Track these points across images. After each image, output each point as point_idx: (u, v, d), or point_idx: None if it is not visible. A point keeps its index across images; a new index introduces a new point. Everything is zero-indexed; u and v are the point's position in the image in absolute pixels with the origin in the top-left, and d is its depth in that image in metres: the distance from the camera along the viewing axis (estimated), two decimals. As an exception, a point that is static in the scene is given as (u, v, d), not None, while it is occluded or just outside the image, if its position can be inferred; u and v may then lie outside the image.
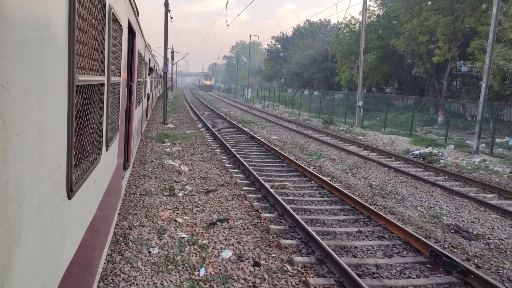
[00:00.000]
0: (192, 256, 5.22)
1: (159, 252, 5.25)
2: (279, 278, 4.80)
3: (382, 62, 30.05)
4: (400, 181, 10.60)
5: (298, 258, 5.27)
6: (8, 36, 1.05)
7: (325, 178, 9.52)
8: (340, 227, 6.72)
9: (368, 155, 14.43)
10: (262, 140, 15.51)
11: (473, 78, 25.06)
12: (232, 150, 12.39)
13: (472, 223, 7.55)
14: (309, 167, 10.98)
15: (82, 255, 2.25)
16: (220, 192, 8.19)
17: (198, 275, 4.74)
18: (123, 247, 5.28)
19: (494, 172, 12.41)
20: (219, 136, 15.51)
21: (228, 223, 6.47)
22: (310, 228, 6.04)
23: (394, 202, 8.65)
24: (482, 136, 16.10)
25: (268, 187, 8.20)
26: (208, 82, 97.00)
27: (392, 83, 34.02)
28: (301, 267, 5.09)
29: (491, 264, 5.67)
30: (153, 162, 10.55)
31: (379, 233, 6.50)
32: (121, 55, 3.91)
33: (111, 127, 3.25)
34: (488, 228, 7.32)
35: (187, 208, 7.06)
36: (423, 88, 29.92)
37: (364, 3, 23.59)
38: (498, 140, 17.38)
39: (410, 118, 21.91)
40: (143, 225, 6.12)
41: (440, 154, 14.75)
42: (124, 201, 7.12)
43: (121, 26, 3.77)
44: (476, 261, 5.72)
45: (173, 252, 5.26)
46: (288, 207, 7.00)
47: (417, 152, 15.13)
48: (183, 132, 17.04)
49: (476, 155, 14.89)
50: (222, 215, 6.82)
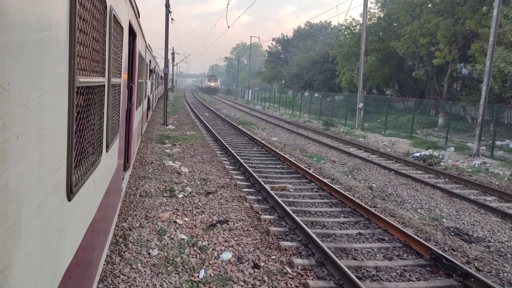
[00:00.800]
0: (192, 257, 5.21)
1: (158, 253, 5.25)
2: (278, 280, 4.79)
3: (383, 64, 30.07)
4: (401, 183, 10.60)
5: (298, 260, 5.26)
6: (9, 37, 1.05)
7: (325, 180, 9.52)
8: (340, 229, 6.71)
9: (369, 157, 14.43)
10: (262, 141, 15.51)
11: (473, 81, 25.08)
12: (232, 151, 12.39)
13: (473, 226, 7.53)
14: (309, 169, 10.97)
15: (81, 256, 2.25)
16: (220, 193, 8.18)
17: (198, 276, 4.73)
18: (122, 248, 5.28)
19: (495, 174, 12.40)
20: (219, 137, 15.51)
21: (228, 224, 6.46)
22: (310, 230, 6.03)
23: (394, 204, 8.64)
24: (483, 138, 16.09)
25: (268, 189, 8.19)
26: (212, 84, 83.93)
27: (392, 85, 34.04)
28: (301, 269, 5.08)
29: (492, 267, 5.65)
30: (153, 163, 10.55)
31: (379, 235, 6.49)
32: (121, 56, 3.91)
33: (111, 128, 3.25)
34: (489, 231, 7.31)
35: (187, 210, 7.05)
36: (424, 90, 29.93)
37: (365, 5, 23.63)
38: (498, 142, 17.37)
39: (410, 120, 21.91)
40: (143, 226, 6.11)
41: (440, 156, 14.75)
42: (124, 202, 7.12)
43: (122, 28, 3.78)
44: (476, 264, 5.71)
45: (172, 254, 5.25)
46: (288, 209, 6.99)
47: (417, 154, 15.12)
48: (184, 133, 17.04)
49: (477, 157, 14.88)
50: (222, 216, 6.82)
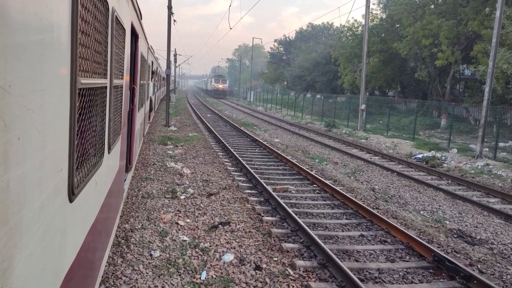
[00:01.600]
0: (194, 259, 5.20)
1: (160, 255, 5.24)
2: (280, 282, 4.78)
3: (385, 65, 30.02)
4: (403, 185, 10.56)
5: (300, 262, 5.25)
6: (10, 39, 1.05)
7: (327, 182, 9.50)
8: (343, 231, 6.69)
9: (371, 158, 14.40)
10: (264, 143, 15.50)
11: (476, 82, 25.00)
12: (234, 153, 12.39)
13: (476, 228, 7.50)
14: (311, 171, 10.95)
15: (83, 257, 2.25)
16: (222, 195, 8.17)
17: (200, 278, 4.72)
18: (124, 250, 5.27)
19: (498, 176, 12.34)
20: (221, 138, 15.51)
21: (230, 226, 6.46)
22: (312, 232, 6.01)
23: (397, 206, 8.61)
24: (486, 140, 16.03)
25: (270, 190, 8.18)
26: (221, 86, 67.95)
27: (395, 86, 33.98)
28: (303, 271, 5.07)
29: (495, 270, 5.62)
30: (155, 164, 10.56)
31: (382, 237, 6.47)
32: (123, 58, 3.92)
33: (113, 130, 3.25)
34: (492, 233, 7.27)
35: (189, 211, 7.05)
36: (426, 91, 29.86)
37: (367, 6, 23.61)
38: (501, 144, 17.31)
39: (413, 122, 21.85)
40: (145, 227, 6.11)
41: (443, 158, 14.70)
42: (126, 203, 7.12)
43: (124, 29, 3.78)
44: (479, 266, 5.68)
45: (174, 255, 5.25)
46: (290, 210, 6.98)
47: (420, 156, 15.08)
48: (186, 134, 17.06)
49: (480, 159, 14.82)
50: (224, 218, 6.81)
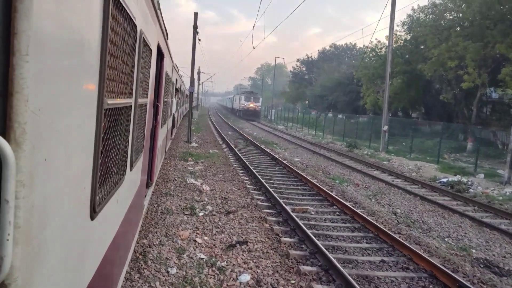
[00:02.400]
0: (210, 278, 5.16)
1: (177, 272, 5.23)
2: (297, 306, 4.67)
3: (409, 86, 29.66)
4: (427, 209, 10.25)
5: (318, 286, 5.13)
6: (42, 64, 1.10)
7: (348, 204, 9.33)
8: (363, 256, 6.52)
9: (393, 181, 14.09)
10: (284, 161, 15.44)
11: (504, 105, 24.33)
12: (253, 171, 12.38)
13: (504, 258, 7.16)
14: (331, 192, 10.80)
15: (102, 273, 2.26)
16: (241, 213, 8.14)
17: (215, 298, 4.67)
18: (142, 266, 5.29)
19: (528, 204, 11.82)
20: (241, 156, 15.56)
21: (247, 245, 6.40)
22: (331, 255, 5.89)
23: (420, 231, 8.34)
24: (514, 165, 15.43)
25: (289, 211, 8.09)
26: (252, 105, 53.56)
27: (418, 108, 33.44)
28: (320, 296, 4.94)
29: (525, 304, 5.33)
30: (175, 180, 10.66)
31: (404, 264, 6.26)
32: (149, 77, 4.02)
33: (136, 147, 3.31)
34: (521, 264, 6.92)
35: (207, 229, 7.04)
36: (451, 114, 29.23)
37: (391, 28, 23.57)
38: (531, 170, 16.60)
39: (437, 145, 21.34)
40: (162, 243, 6.13)
41: (469, 183, 14.22)
42: (145, 219, 7.18)
43: (150, 50, 3.89)
44: (508, 299, 5.39)
45: (191, 273, 5.23)
46: (309, 232, 6.87)
47: (444, 180, 14.65)
48: (206, 151, 17.20)
49: (508, 185, 14.27)
50: (242, 237, 6.76)
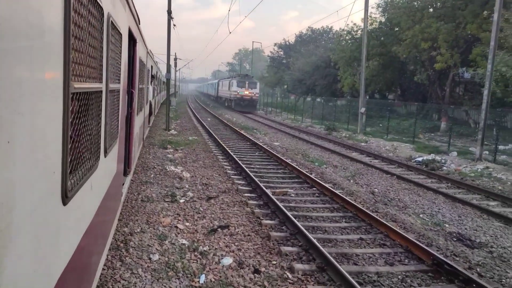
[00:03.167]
0: (193, 262, 5.20)
1: (159, 258, 5.24)
2: (279, 285, 4.77)
3: (385, 68, 30.07)
4: (403, 188, 10.55)
5: (298, 266, 5.24)
6: None
7: (327, 185, 9.49)
8: (342, 234, 6.68)
9: (371, 162, 14.39)
10: (264, 146, 15.51)
11: (476, 85, 25.00)
12: (234, 156, 12.39)
13: (475, 231, 7.48)
14: (311, 174, 10.95)
15: (78, 260, 2.25)
16: (222, 198, 8.17)
17: (198, 282, 4.72)
18: (123, 253, 5.27)
19: (498, 179, 12.33)
20: (221, 142, 15.53)
21: (229, 229, 6.45)
22: (311, 235, 6.01)
23: (396, 209, 8.60)
24: (485, 143, 16.03)
25: (270, 194, 8.18)
26: (248, 93, 40.30)
27: (394, 89, 34.03)
28: (301, 275, 5.06)
29: (494, 273, 5.60)
30: (155, 168, 10.57)
31: (381, 240, 6.46)
32: (120, 62, 3.94)
33: (109, 133, 3.26)
34: (491, 236, 7.25)
35: (188, 215, 7.05)
36: (426, 94, 29.89)
37: (366, 10, 23.69)
38: (501, 147, 17.29)
39: (413, 125, 21.87)
40: (144, 231, 6.11)
41: (443, 161, 14.69)
42: (126, 207, 7.12)
43: (120, 34, 3.80)
44: (478, 269, 5.66)
45: (173, 259, 5.24)
46: (289, 214, 6.97)
47: (419, 159, 15.07)
48: (186, 138, 17.08)
49: (479, 162, 14.81)
50: (223, 221, 6.81)
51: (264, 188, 8.59)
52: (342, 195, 8.56)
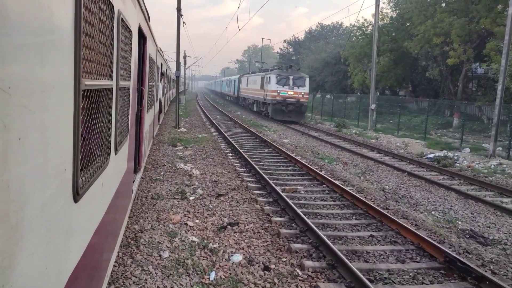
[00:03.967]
0: (203, 259, 5.22)
1: (169, 255, 5.27)
2: (289, 282, 4.76)
3: (396, 64, 29.76)
4: (414, 185, 10.44)
5: (308, 263, 5.22)
6: (9, 40, 1.07)
7: (337, 182, 9.44)
8: (352, 232, 6.64)
9: (381, 158, 14.26)
10: (273, 143, 15.48)
11: (489, 80, 24.59)
12: (243, 153, 12.39)
13: (488, 228, 7.37)
14: (320, 171, 10.90)
15: (89, 257, 2.27)
16: (231, 195, 8.18)
17: (208, 279, 4.73)
18: (134, 250, 5.31)
19: (511, 176, 12.11)
20: (230, 139, 15.54)
21: (238, 227, 6.46)
22: (321, 232, 5.98)
23: (408, 206, 8.51)
24: (499, 139, 15.76)
25: (279, 191, 8.16)
26: (293, 94, 26.46)
27: (406, 85, 33.65)
28: (311, 272, 5.04)
29: (508, 270, 5.51)
30: (165, 165, 10.62)
31: (392, 237, 6.40)
32: (131, 60, 3.95)
33: (120, 131, 3.27)
34: (505, 233, 7.13)
35: (198, 212, 7.07)
36: (438, 90, 29.51)
37: (377, 5, 23.42)
38: (515, 143, 16.97)
39: (424, 121, 21.60)
40: (154, 228, 6.15)
41: (455, 157, 14.48)
42: (136, 204, 7.18)
43: (130, 32, 3.81)
44: (492, 267, 5.57)
45: (183, 256, 5.27)
46: (299, 211, 6.95)
47: (431, 155, 14.89)
48: (195, 135, 17.13)
49: (493, 158, 14.57)
50: (233, 218, 6.82)
51: (274, 185, 8.58)
52: (352, 192, 8.50)
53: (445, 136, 21.65)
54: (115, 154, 3.04)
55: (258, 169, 10.21)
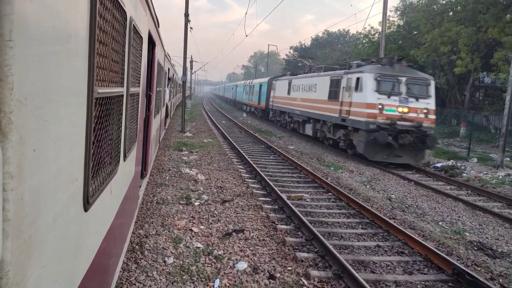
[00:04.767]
0: (207, 266, 5.18)
1: (174, 261, 5.24)
2: (294, 292, 4.71)
3: (402, 72, 29.66)
4: (421, 194, 10.34)
5: (314, 272, 5.16)
6: (27, 50, 1.06)
7: (343, 190, 9.37)
8: (358, 241, 6.57)
9: (387, 167, 14.16)
10: (279, 150, 15.44)
11: (497, 90, 24.45)
12: (248, 159, 12.37)
13: (497, 240, 7.26)
14: (326, 179, 10.84)
15: (98, 264, 2.25)
16: (236, 202, 8.15)
17: (213, 286, 4.69)
18: (139, 256, 5.29)
19: (520, 187, 11.97)
20: (236, 145, 15.53)
21: (243, 234, 6.42)
22: (327, 242, 5.93)
23: (414, 216, 8.42)
24: (507, 149, 15.62)
25: (285, 198, 8.11)
26: (408, 110, 13.52)
27: (412, 94, 33.51)
28: (317, 282, 4.98)
29: (518, 285, 5.42)
30: (170, 170, 10.62)
31: (399, 248, 6.32)
32: (140, 66, 3.95)
33: (129, 137, 3.26)
34: (514, 246, 7.03)
35: (203, 218, 7.04)
36: (445, 99, 29.37)
37: (384, 13, 23.41)
38: (523, 153, 16.80)
39: (431, 130, 21.40)
40: (159, 234, 6.13)
41: (462, 167, 14.35)
42: (141, 209, 7.16)
43: (141, 38, 3.82)
44: (501, 280, 5.48)
45: (188, 262, 5.24)
46: (304, 219, 6.90)
47: (438, 165, 14.76)
48: (201, 140, 17.15)
49: (501, 169, 14.43)
50: (238, 225, 6.78)
51: (279, 192, 8.53)
52: (358, 201, 8.44)
53: (452, 145, 21.49)
54: (124, 160, 3.03)
55: (264, 175, 10.18)
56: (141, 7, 3.72)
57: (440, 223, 8.08)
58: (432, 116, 14.02)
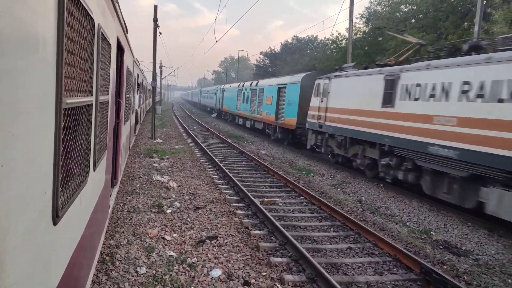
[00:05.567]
0: (181, 275, 5.11)
1: (146, 271, 5.13)
2: (269, 297, 4.72)
3: (369, 77, 30.51)
4: (389, 196, 10.65)
5: (288, 277, 5.21)
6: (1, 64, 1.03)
7: (314, 194, 9.51)
8: (331, 244, 6.68)
9: (357, 170, 14.48)
10: (251, 155, 15.48)
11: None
12: (221, 165, 12.32)
13: (461, 239, 7.59)
14: (298, 183, 10.96)
15: (68, 277, 2.18)
16: (209, 208, 8.09)
17: (187, 295, 4.63)
18: (109, 267, 5.15)
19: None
20: (208, 151, 15.44)
21: (217, 240, 6.38)
22: (300, 245, 5.99)
23: (384, 217, 8.66)
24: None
25: (258, 203, 8.14)
26: None
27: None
28: (291, 286, 5.02)
29: (481, 281, 5.68)
30: (141, 178, 10.41)
31: (369, 249, 6.48)
32: (109, 73, 3.88)
33: (99, 146, 3.19)
34: (477, 243, 7.37)
35: (175, 226, 6.95)
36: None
37: (350, 20, 24.07)
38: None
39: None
40: (130, 243, 5.99)
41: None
42: (111, 218, 6.98)
43: (110, 45, 3.75)
44: (466, 277, 5.73)
45: (161, 271, 5.15)
46: (278, 223, 6.95)
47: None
48: (172, 147, 16.92)
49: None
50: (211, 232, 6.73)
51: (252, 198, 8.55)
52: (330, 204, 8.59)
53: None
54: (94, 170, 2.96)
55: (237, 181, 10.17)
56: (109, 14, 3.66)
57: (407, 224, 8.35)
58: None
